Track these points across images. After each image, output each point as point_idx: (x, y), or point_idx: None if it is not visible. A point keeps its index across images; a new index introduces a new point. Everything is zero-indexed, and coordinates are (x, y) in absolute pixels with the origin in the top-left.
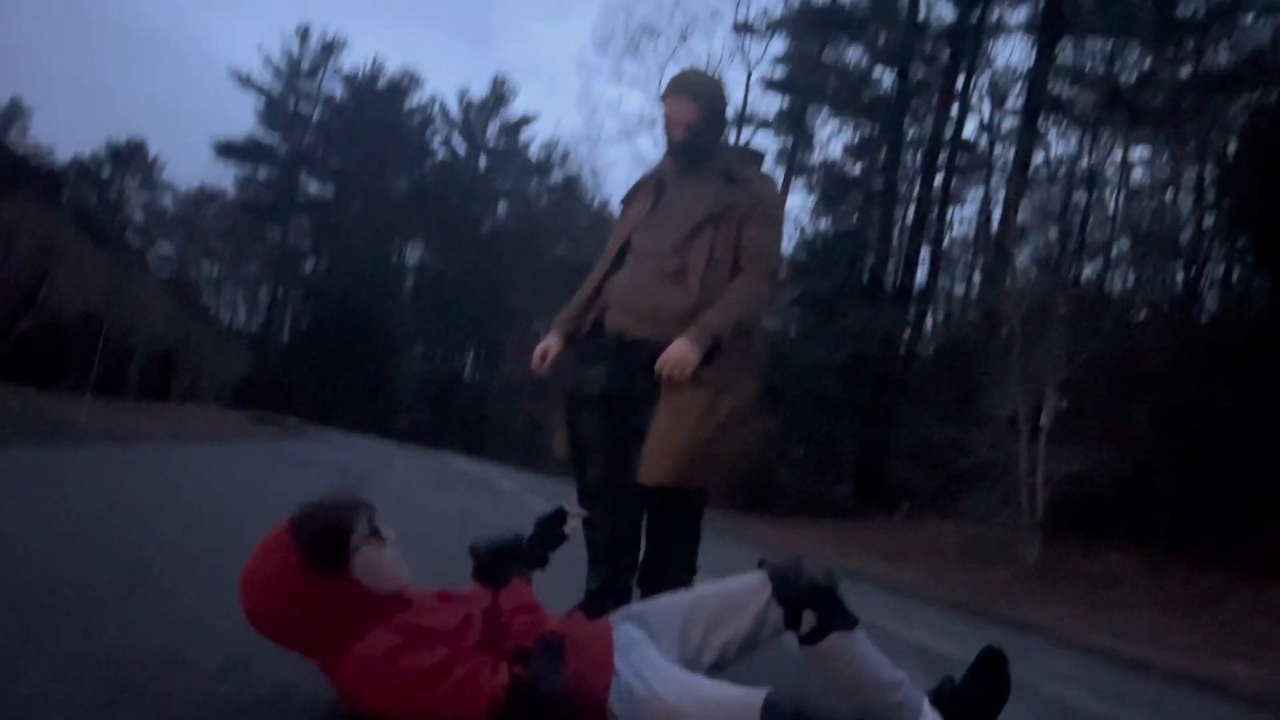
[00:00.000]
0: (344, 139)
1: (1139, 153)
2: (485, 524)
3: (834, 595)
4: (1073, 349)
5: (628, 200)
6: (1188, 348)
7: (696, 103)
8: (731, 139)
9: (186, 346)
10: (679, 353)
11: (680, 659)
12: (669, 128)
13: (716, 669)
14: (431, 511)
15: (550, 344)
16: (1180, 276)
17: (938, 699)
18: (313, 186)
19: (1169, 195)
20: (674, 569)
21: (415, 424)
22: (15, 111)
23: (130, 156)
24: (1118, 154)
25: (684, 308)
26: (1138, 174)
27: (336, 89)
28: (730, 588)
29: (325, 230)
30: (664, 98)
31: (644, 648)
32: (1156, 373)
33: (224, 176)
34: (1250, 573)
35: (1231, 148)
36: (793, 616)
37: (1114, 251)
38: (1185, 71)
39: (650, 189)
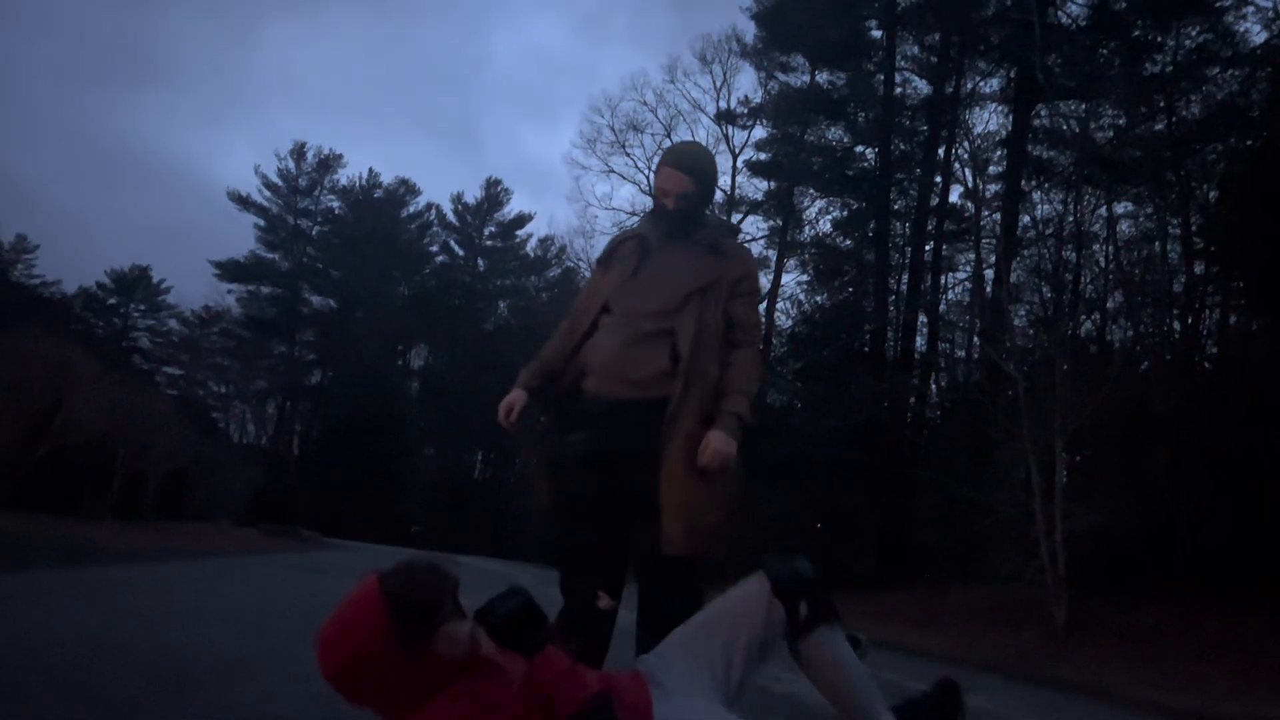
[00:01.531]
0: (344, 250)
1: (1124, 207)
2: None
3: (822, 586)
4: (1079, 403)
5: (604, 262)
6: (1194, 393)
7: (690, 176)
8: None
9: (198, 465)
10: (720, 445)
11: (713, 681)
12: (661, 196)
13: (746, 678)
14: None
15: (515, 398)
16: (1177, 325)
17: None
18: (315, 299)
19: (1157, 246)
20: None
21: (430, 526)
22: (21, 247)
23: (134, 283)
24: (1103, 209)
25: (666, 370)
26: (1125, 227)
27: (334, 203)
28: (734, 596)
29: (330, 341)
30: (658, 169)
31: (676, 695)
32: (1165, 420)
33: (227, 295)
34: None
35: (1213, 195)
36: (791, 608)
37: (1109, 304)
38: (1159, 125)
39: (631, 253)
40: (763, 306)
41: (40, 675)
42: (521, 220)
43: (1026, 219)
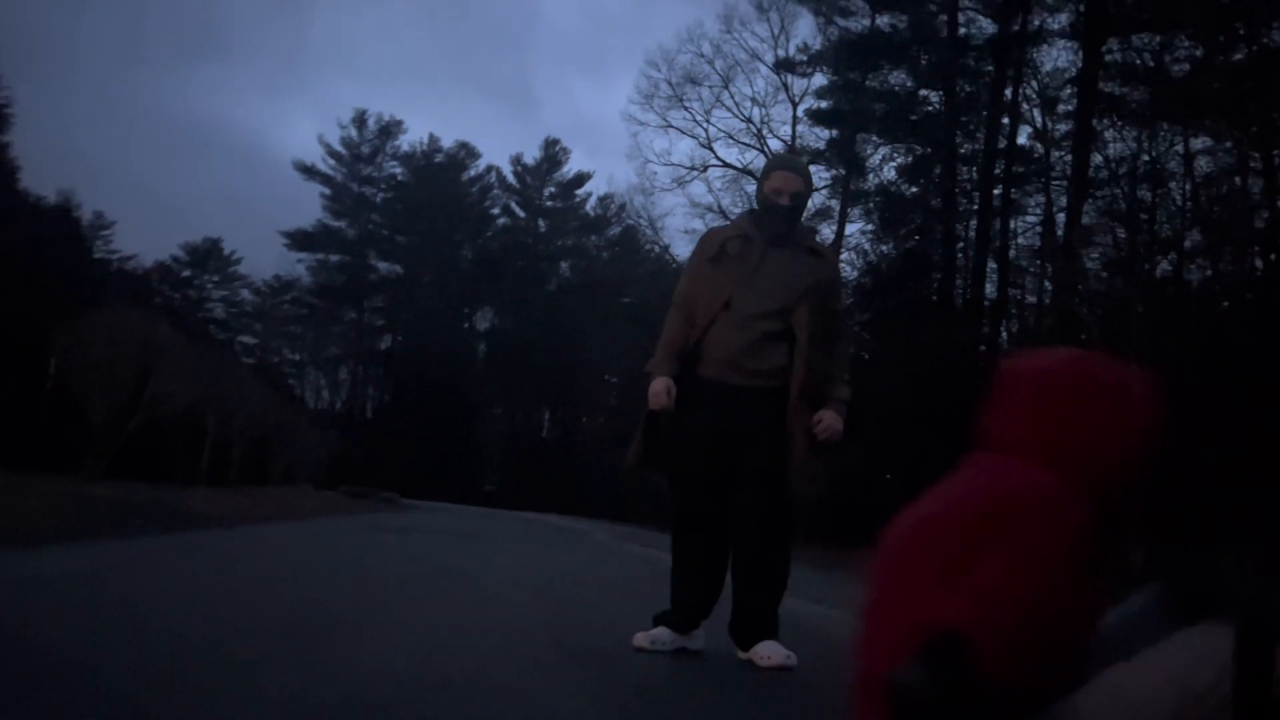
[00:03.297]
0: (408, 216)
1: (1201, 142)
2: (592, 574)
3: None
4: (1156, 346)
5: (715, 259)
6: (1275, 333)
7: (802, 178)
8: None
9: (279, 431)
10: (833, 423)
11: None
12: (776, 195)
13: None
14: (540, 566)
15: (664, 384)
16: (1259, 263)
17: None
18: (382, 266)
19: (1237, 181)
20: (774, 577)
21: (502, 486)
22: (100, 224)
23: (207, 255)
24: (1180, 146)
25: (785, 365)
26: (1202, 163)
27: (396, 169)
28: None
29: (398, 306)
30: (770, 172)
31: None
32: (1244, 361)
33: (297, 265)
34: None
35: None
36: None
37: (1186, 244)
38: (1239, 55)
39: (740, 252)
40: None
41: (165, 639)
42: (580, 179)
43: (1099, 158)
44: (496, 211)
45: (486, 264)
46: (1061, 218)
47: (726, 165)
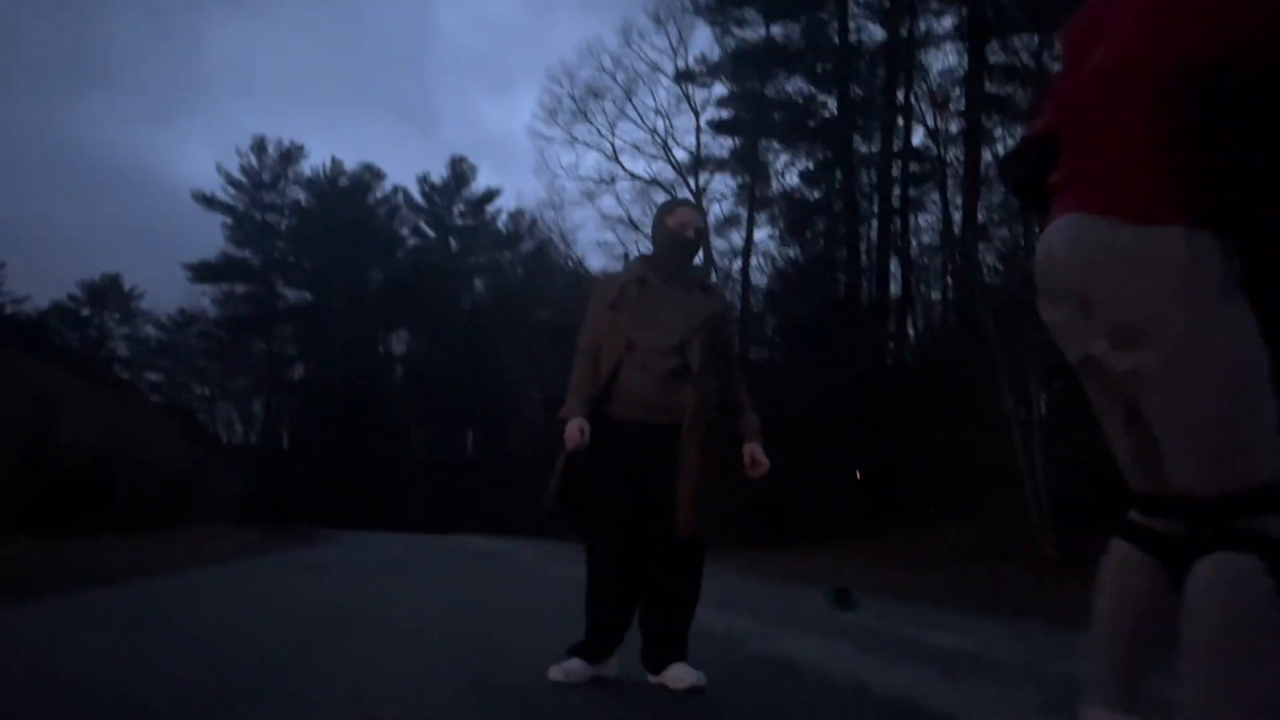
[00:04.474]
0: (315, 242)
1: None
2: (514, 603)
3: None
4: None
5: (614, 305)
6: None
7: (703, 216)
8: (690, 183)
9: (191, 470)
10: (762, 457)
11: None
12: (681, 229)
13: None
14: (461, 599)
15: (580, 424)
16: None
17: None
18: (290, 293)
19: None
20: (684, 603)
21: (426, 511)
22: None
23: (106, 292)
24: None
25: (685, 400)
26: None
27: (300, 195)
28: None
29: (309, 334)
30: (677, 209)
31: None
32: None
33: (201, 297)
34: None
35: None
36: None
37: None
38: None
39: (638, 295)
40: (736, 264)
41: (71, 708)
42: (490, 196)
43: (990, 156)
44: (406, 232)
45: (398, 286)
46: (958, 215)
47: (634, 177)
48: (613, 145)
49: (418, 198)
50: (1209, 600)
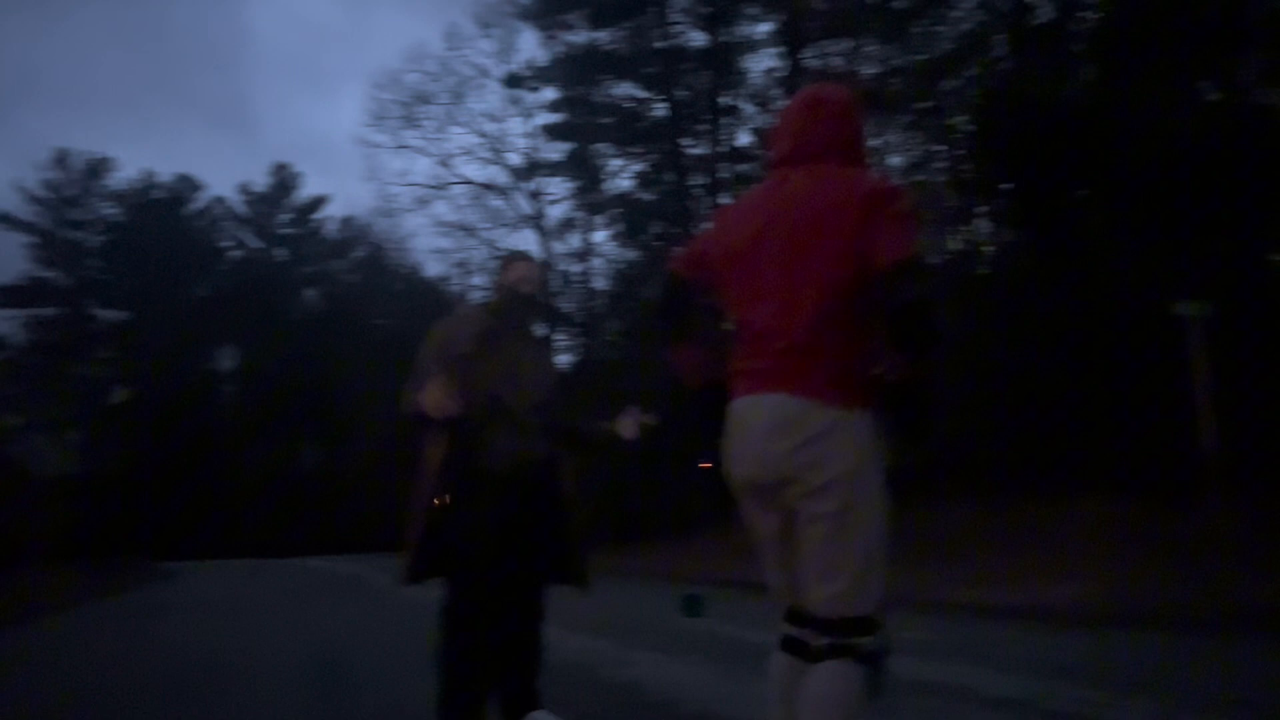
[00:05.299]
0: (130, 258)
1: (893, 138)
2: (369, 639)
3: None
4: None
5: (469, 355)
6: (972, 308)
7: (540, 269)
8: (524, 187)
9: (5, 508)
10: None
11: None
12: (520, 284)
13: None
14: (312, 639)
15: (442, 380)
16: (954, 244)
17: None
18: (106, 314)
19: (928, 172)
20: (539, 655)
21: (266, 533)
22: None
23: None
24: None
25: (558, 458)
26: (895, 160)
27: (110, 210)
28: None
29: (129, 356)
30: (513, 263)
31: None
32: (952, 332)
33: (6, 323)
34: (1069, 493)
35: (967, 123)
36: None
37: None
38: (920, 57)
39: (490, 346)
40: (578, 267)
41: None
42: (317, 203)
43: None
44: (228, 244)
45: (223, 300)
46: None
47: (467, 182)
48: (443, 150)
49: (239, 208)
50: (826, 691)
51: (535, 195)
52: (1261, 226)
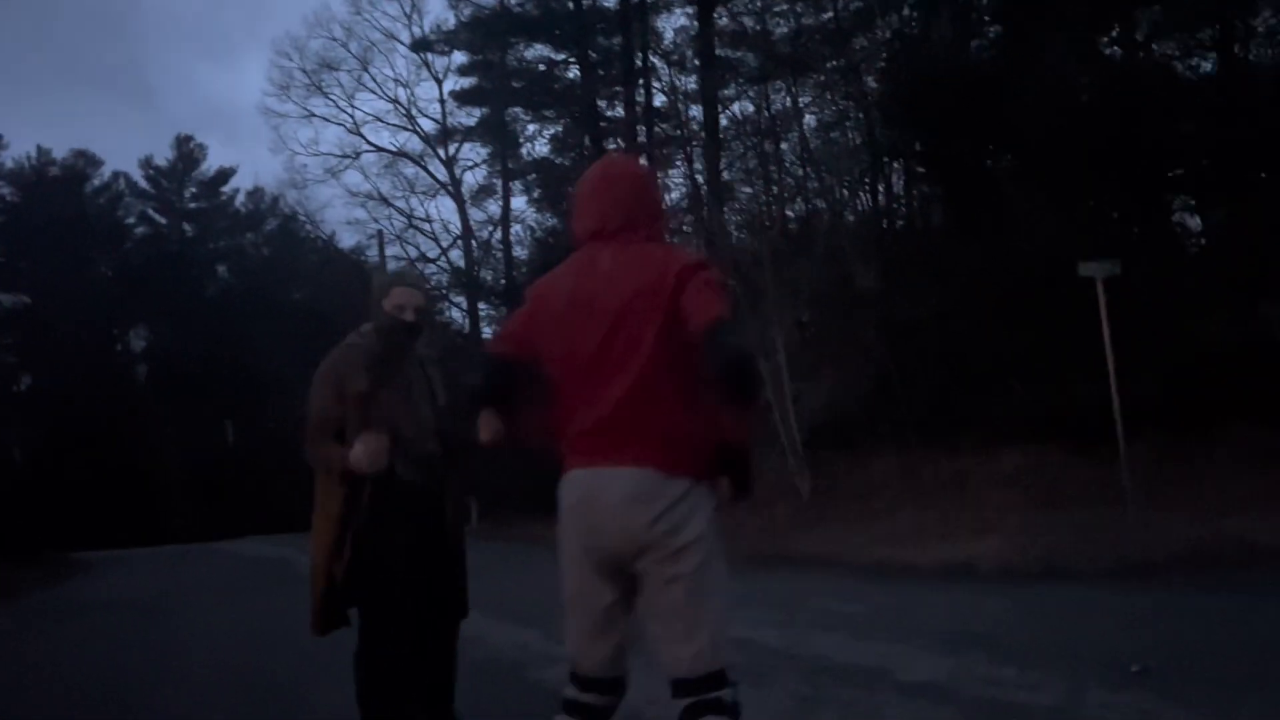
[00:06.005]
0: (27, 240)
1: (807, 99)
2: (298, 632)
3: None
4: (791, 294)
5: (365, 396)
6: (885, 262)
7: (422, 292)
8: (439, 153)
9: None
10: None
11: None
12: (399, 311)
13: None
14: (241, 638)
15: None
16: (868, 199)
17: None
18: (4, 298)
19: (841, 131)
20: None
21: (189, 516)
22: None
23: None
24: (786, 101)
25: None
26: (809, 120)
27: (4, 190)
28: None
29: (31, 341)
30: (390, 289)
31: None
32: (868, 291)
33: None
34: (987, 447)
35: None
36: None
37: (808, 189)
38: (827, 15)
39: (382, 376)
40: (497, 235)
41: None
42: (224, 175)
43: (725, 120)
44: (132, 221)
45: (130, 280)
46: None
47: (379, 149)
48: (353, 118)
49: (142, 183)
50: None
51: (450, 162)
52: (1161, 181)
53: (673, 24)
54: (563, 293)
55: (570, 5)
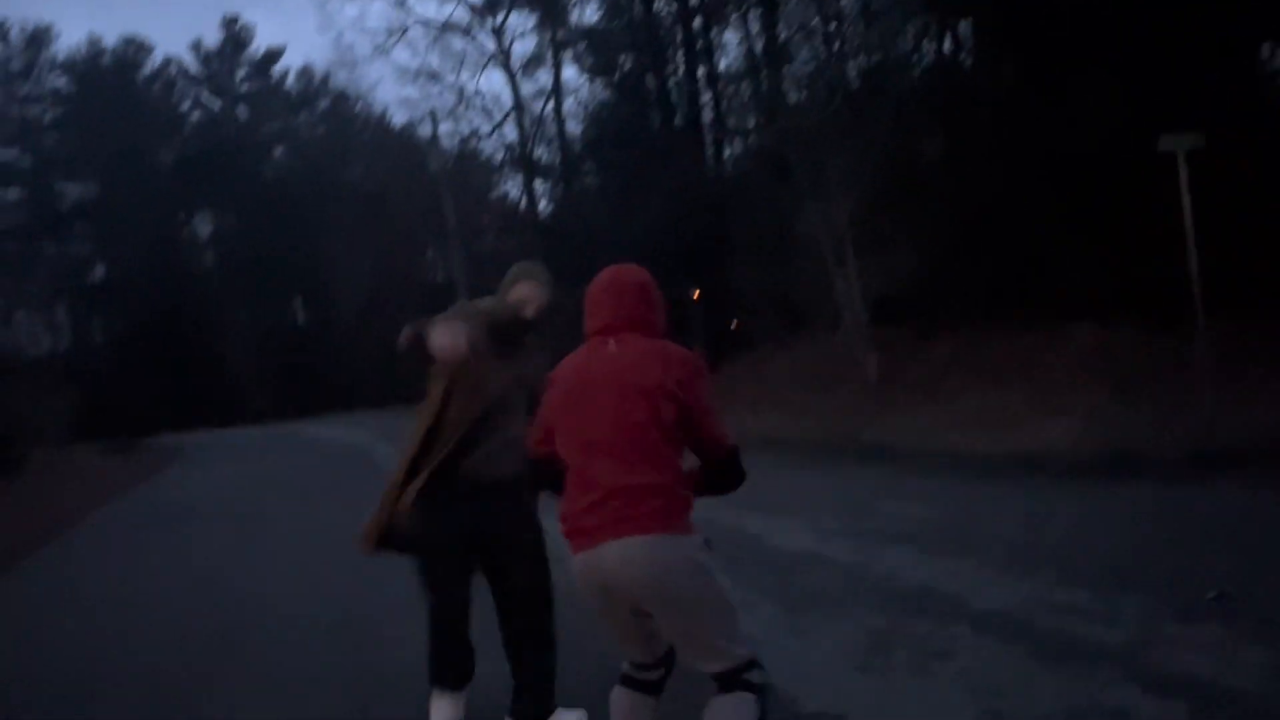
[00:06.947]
0: (88, 130)
1: None
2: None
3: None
4: (856, 163)
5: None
6: (954, 126)
7: (545, 290)
8: (487, 22)
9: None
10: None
11: None
12: (522, 305)
13: None
14: (334, 557)
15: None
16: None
17: None
18: (73, 190)
19: None
20: (545, 648)
21: (265, 400)
22: None
23: None
24: None
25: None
26: None
27: (60, 81)
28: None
29: (103, 230)
30: (517, 283)
31: None
32: (934, 164)
33: None
34: (1057, 324)
35: None
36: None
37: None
38: None
39: (478, 359)
40: (549, 107)
41: None
42: (273, 55)
43: None
44: (187, 107)
45: (191, 165)
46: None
47: (427, 22)
48: None
49: (194, 68)
50: (725, 714)
51: (499, 30)
52: (1249, 49)
53: None
54: (572, 380)
55: None
